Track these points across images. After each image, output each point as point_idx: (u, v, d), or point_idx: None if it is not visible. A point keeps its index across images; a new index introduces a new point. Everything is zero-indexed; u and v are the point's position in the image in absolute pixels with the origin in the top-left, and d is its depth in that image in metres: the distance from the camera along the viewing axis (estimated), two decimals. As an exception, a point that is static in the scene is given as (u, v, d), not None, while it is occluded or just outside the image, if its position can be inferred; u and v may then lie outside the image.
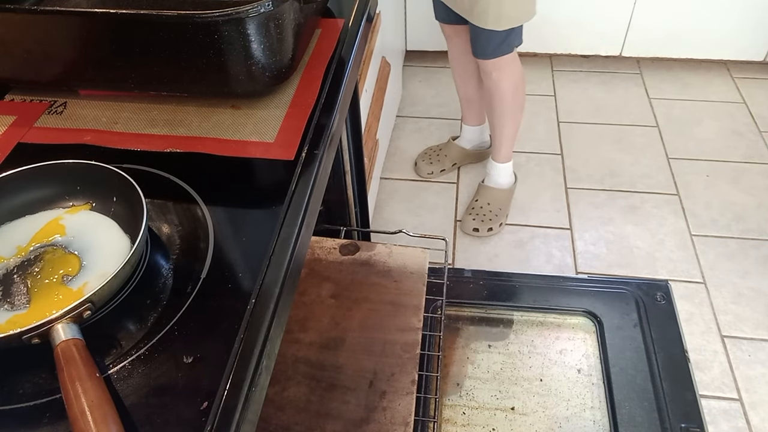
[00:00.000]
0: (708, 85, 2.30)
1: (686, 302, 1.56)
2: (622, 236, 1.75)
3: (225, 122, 0.72)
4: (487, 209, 1.77)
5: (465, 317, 1.29)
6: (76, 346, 0.46)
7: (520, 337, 1.26)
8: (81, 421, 0.42)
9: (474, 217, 1.76)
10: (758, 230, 1.75)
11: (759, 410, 1.35)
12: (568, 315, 1.28)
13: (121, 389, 0.47)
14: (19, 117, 0.74)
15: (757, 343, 1.47)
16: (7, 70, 0.75)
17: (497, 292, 1.31)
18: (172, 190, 0.63)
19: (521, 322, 1.28)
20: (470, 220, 1.76)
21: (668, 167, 1.96)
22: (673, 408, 1.08)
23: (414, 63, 2.47)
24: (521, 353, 1.22)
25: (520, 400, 1.14)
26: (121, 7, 0.66)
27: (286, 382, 0.89)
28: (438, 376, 0.96)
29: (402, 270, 1.03)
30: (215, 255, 0.56)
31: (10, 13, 0.68)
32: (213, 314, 0.51)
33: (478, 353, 1.22)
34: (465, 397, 1.15)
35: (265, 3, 0.63)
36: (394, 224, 1.76)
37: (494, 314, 1.29)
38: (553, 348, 1.23)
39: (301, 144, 0.67)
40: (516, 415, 1.11)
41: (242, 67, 0.68)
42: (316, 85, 0.76)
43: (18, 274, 0.54)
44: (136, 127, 0.72)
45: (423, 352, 0.95)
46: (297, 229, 0.58)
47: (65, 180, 0.60)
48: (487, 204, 1.78)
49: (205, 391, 0.45)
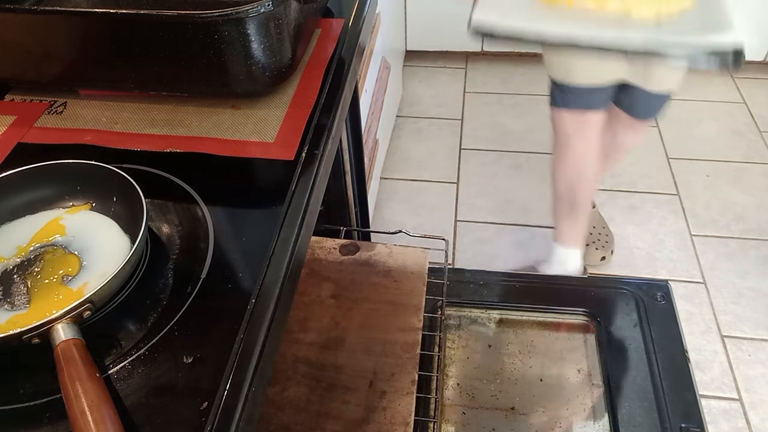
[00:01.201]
0: (708, 85, 2.30)
1: (686, 302, 1.56)
2: (622, 236, 1.74)
3: (225, 122, 0.72)
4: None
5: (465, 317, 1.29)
6: (76, 346, 0.46)
7: (520, 337, 1.26)
8: (81, 421, 0.42)
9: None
10: (758, 230, 1.75)
11: (759, 410, 1.35)
12: (568, 315, 1.28)
13: (121, 389, 0.47)
14: (19, 117, 0.74)
15: (757, 343, 1.47)
16: (7, 70, 0.75)
17: (497, 292, 1.31)
18: (172, 190, 0.63)
19: (521, 322, 1.28)
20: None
21: (668, 167, 1.96)
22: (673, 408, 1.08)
23: (414, 63, 2.47)
24: (521, 353, 1.22)
25: (520, 400, 1.14)
26: (121, 7, 0.66)
27: (286, 382, 0.89)
28: (438, 376, 0.96)
29: (402, 270, 1.03)
30: (215, 255, 0.56)
31: (10, 13, 0.68)
32: (213, 314, 0.51)
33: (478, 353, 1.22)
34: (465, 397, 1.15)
35: (265, 3, 0.63)
36: (394, 224, 1.76)
37: (494, 314, 1.29)
38: (553, 348, 1.23)
39: (301, 144, 0.67)
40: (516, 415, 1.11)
41: (242, 67, 0.68)
42: (316, 85, 0.76)
43: (18, 274, 0.54)
44: (136, 127, 0.72)
45: (423, 352, 0.95)
46: (297, 229, 0.58)
47: (65, 180, 0.60)
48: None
49: (205, 391, 0.45)
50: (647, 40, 0.66)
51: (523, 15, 0.69)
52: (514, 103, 2.27)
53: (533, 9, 0.71)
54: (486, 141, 2.09)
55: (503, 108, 2.22)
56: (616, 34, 0.67)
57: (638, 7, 0.69)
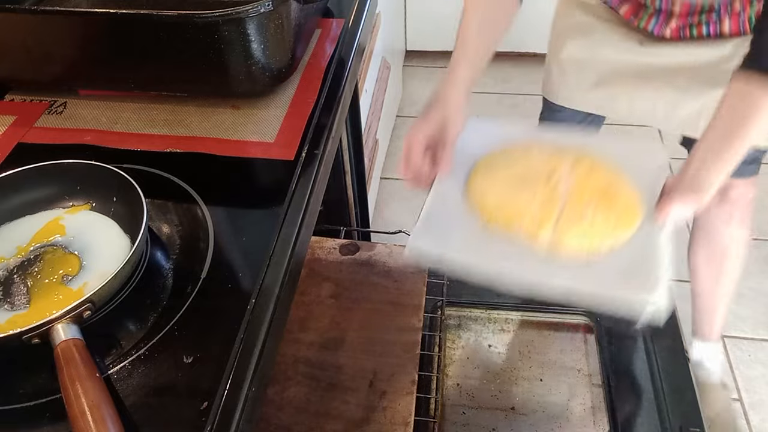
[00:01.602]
0: (708, 85, 2.30)
1: (686, 302, 1.56)
2: (622, 236, 1.74)
3: (225, 122, 0.72)
4: None
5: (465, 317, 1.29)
6: (76, 346, 0.46)
7: (520, 337, 1.26)
8: (81, 421, 0.42)
9: None
10: (758, 230, 1.75)
11: (759, 410, 1.34)
12: (568, 315, 1.28)
13: (121, 389, 0.47)
14: (19, 117, 0.74)
15: (757, 343, 1.47)
16: (7, 70, 0.75)
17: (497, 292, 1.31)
18: (172, 190, 0.63)
19: (521, 322, 1.28)
20: None
21: (668, 167, 1.96)
22: (673, 408, 1.08)
23: (414, 63, 2.47)
24: (521, 353, 1.22)
25: (520, 400, 1.14)
26: (121, 7, 0.66)
27: (286, 382, 0.89)
28: (438, 376, 0.96)
29: (402, 270, 1.03)
30: (215, 255, 0.56)
31: (10, 13, 0.68)
32: (213, 314, 0.51)
33: (478, 353, 1.22)
34: (465, 397, 1.15)
35: (265, 3, 0.63)
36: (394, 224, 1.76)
37: (494, 314, 1.29)
38: (553, 348, 1.23)
39: (301, 144, 0.67)
40: (516, 415, 1.11)
41: (242, 67, 0.68)
42: (316, 85, 0.76)
43: (18, 274, 0.54)
44: (136, 127, 0.72)
45: (423, 352, 0.95)
46: (297, 229, 0.58)
47: (65, 180, 0.60)
48: None
49: (205, 391, 0.45)
50: (568, 290, 0.64)
51: (456, 241, 0.68)
52: (514, 103, 2.26)
53: (469, 231, 0.69)
54: (486, 141, 2.09)
55: (503, 108, 2.21)
56: (540, 276, 0.65)
57: (569, 238, 0.67)
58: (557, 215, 0.68)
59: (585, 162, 0.76)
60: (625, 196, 0.74)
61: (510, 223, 0.69)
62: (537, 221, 0.67)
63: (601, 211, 0.69)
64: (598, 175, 0.75)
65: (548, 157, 0.76)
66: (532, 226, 0.68)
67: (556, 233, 0.67)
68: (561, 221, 0.67)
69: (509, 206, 0.70)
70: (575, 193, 0.71)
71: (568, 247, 0.67)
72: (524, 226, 0.68)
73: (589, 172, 0.75)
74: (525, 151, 0.78)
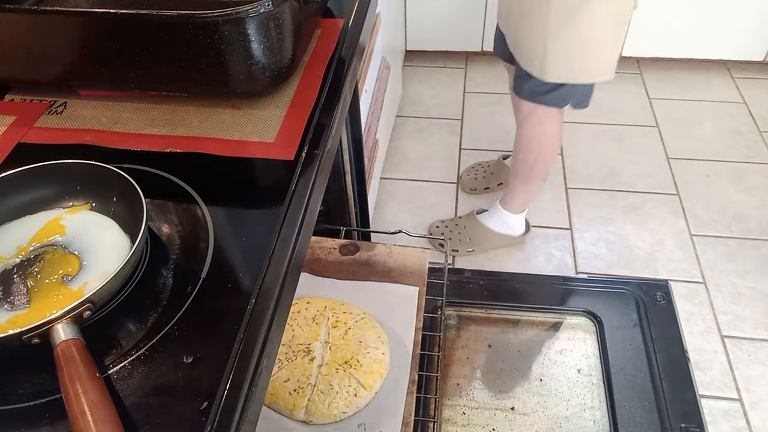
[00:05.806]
0: (708, 85, 2.30)
1: (686, 302, 1.56)
2: (622, 236, 1.75)
3: (225, 122, 0.72)
4: (465, 236, 1.69)
5: (465, 317, 1.29)
6: (76, 346, 0.46)
7: (520, 337, 1.26)
8: (81, 421, 0.42)
9: (445, 230, 1.70)
10: (758, 230, 1.75)
11: (759, 410, 1.35)
12: (568, 315, 1.28)
13: (121, 389, 0.47)
14: (19, 117, 0.74)
15: (757, 343, 1.47)
16: (7, 70, 0.75)
17: (497, 292, 1.31)
18: (172, 190, 0.63)
19: (521, 322, 1.28)
20: (444, 228, 1.71)
21: (668, 167, 1.96)
22: (673, 408, 1.08)
23: (414, 63, 2.47)
24: (521, 353, 1.22)
25: (520, 400, 1.14)
26: (121, 7, 0.66)
27: (286, 382, 0.89)
28: (438, 376, 0.96)
29: (402, 270, 1.03)
30: (215, 255, 0.56)
31: (10, 13, 0.68)
32: (213, 314, 0.51)
33: (478, 353, 1.22)
34: (465, 397, 1.15)
35: (265, 3, 0.63)
36: (394, 224, 1.76)
37: (494, 314, 1.29)
38: (553, 348, 1.23)
39: (301, 144, 0.67)
40: (516, 415, 1.11)
41: (242, 67, 0.68)
42: (316, 85, 0.76)
43: (18, 274, 0.54)
44: (136, 127, 0.72)
45: (423, 352, 0.95)
46: (297, 229, 0.58)
47: (65, 180, 0.60)
48: (468, 237, 1.69)
49: (205, 391, 0.45)
50: None
51: None
52: (514, 103, 2.27)
53: None
54: (486, 141, 2.09)
55: (503, 108, 2.21)
56: None
57: (320, 413, 0.82)
58: (309, 394, 0.82)
59: (340, 327, 0.90)
60: (371, 357, 0.86)
61: (271, 402, 0.83)
62: (291, 403, 0.82)
63: (347, 381, 0.83)
64: (350, 338, 0.88)
65: (308, 325, 0.90)
66: (288, 405, 0.82)
67: (308, 412, 0.81)
68: (311, 400, 0.82)
69: (270, 386, 0.83)
70: (328, 364, 0.85)
71: (321, 416, 0.81)
72: (282, 404, 0.83)
73: (344, 335, 0.88)
74: (292, 317, 0.91)
